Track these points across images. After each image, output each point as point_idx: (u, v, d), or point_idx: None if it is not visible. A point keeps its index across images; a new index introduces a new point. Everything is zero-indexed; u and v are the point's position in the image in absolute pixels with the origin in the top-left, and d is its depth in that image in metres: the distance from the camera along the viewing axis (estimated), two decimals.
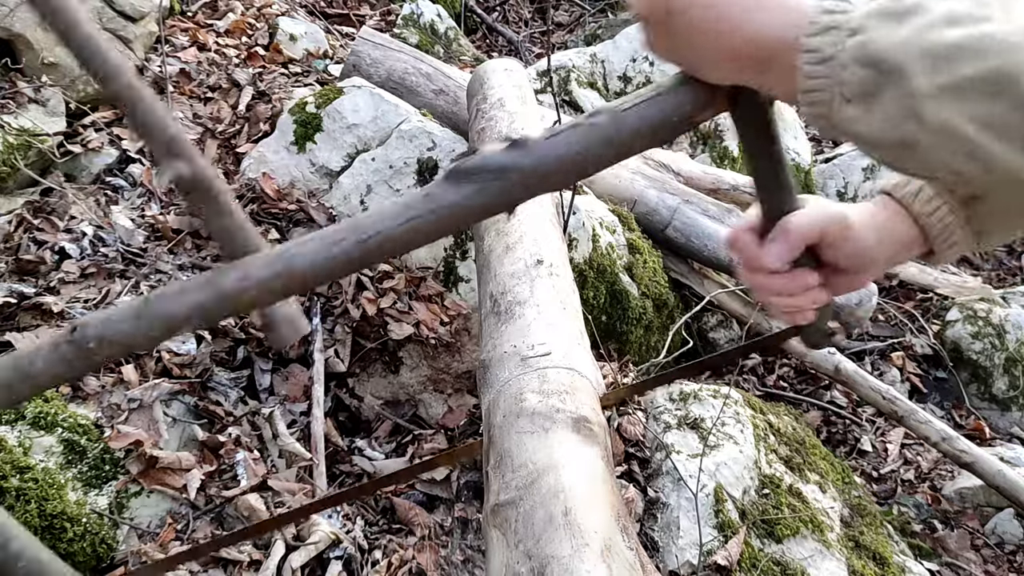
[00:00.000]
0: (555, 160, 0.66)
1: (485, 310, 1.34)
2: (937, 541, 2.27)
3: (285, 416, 1.76)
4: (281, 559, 1.41)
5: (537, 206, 1.54)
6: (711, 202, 2.39)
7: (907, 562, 1.91)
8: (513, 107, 1.84)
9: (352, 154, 2.14)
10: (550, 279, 1.33)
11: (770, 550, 1.68)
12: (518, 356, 1.14)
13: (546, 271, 1.34)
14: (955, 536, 2.29)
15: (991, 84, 0.48)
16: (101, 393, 1.57)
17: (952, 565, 2.19)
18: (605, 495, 0.86)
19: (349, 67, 2.44)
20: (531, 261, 1.36)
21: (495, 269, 1.39)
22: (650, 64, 3.09)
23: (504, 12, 4.49)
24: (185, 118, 2.40)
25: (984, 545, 2.30)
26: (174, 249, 1.99)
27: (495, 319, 1.28)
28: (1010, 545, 2.31)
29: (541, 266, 1.35)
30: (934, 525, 2.31)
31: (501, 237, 1.45)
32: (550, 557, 0.74)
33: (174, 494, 1.47)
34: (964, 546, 2.28)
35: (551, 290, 1.30)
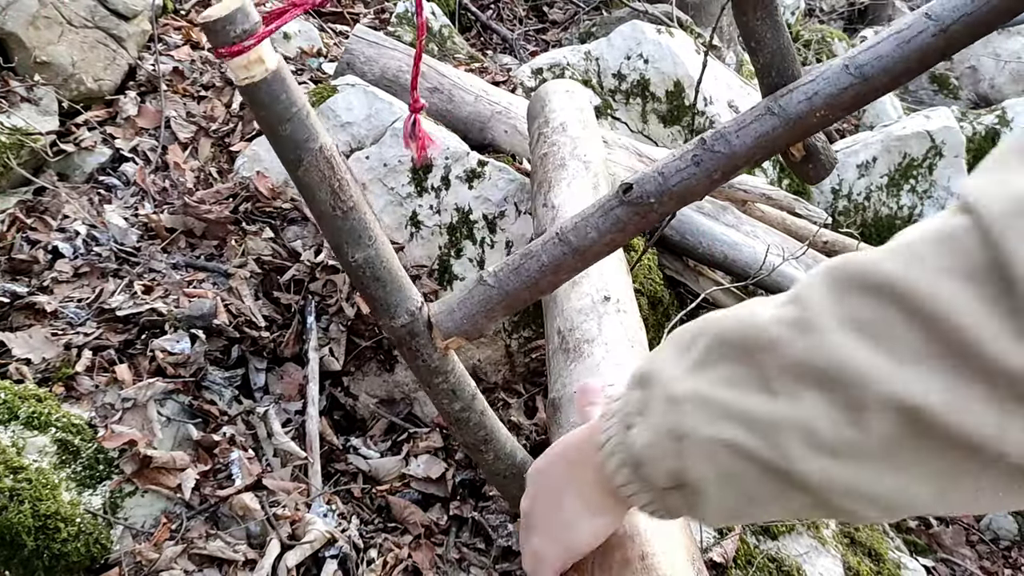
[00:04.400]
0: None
1: (553, 346, 1.33)
2: (932, 537, 2.27)
3: (280, 415, 1.76)
4: (276, 558, 1.40)
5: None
6: (706, 199, 2.39)
7: (902, 558, 1.91)
8: (575, 132, 1.84)
9: (346, 152, 2.13)
10: (617, 316, 1.33)
11: (766, 547, 1.68)
12: None
13: (613, 308, 1.34)
14: (950, 532, 2.29)
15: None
16: (94, 393, 1.57)
17: (947, 561, 2.19)
18: (680, 538, 0.85)
19: (343, 65, 2.44)
20: (598, 297, 1.36)
21: (562, 304, 1.38)
22: (644, 62, 3.08)
23: (499, 10, 4.49)
24: (179, 116, 2.39)
25: (979, 541, 2.31)
26: (168, 248, 1.99)
27: (563, 356, 1.27)
28: (1005, 541, 2.32)
29: (608, 303, 1.35)
30: (929, 521, 2.32)
31: None
32: None
33: (168, 494, 1.47)
34: (959, 542, 2.28)
35: (619, 327, 1.30)
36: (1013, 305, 0.41)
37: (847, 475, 0.49)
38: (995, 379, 0.42)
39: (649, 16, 3.87)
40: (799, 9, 6.07)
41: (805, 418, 0.49)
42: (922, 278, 0.45)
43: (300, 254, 2.00)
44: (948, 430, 0.44)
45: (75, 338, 1.65)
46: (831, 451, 0.49)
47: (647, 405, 0.60)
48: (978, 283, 0.43)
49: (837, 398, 0.48)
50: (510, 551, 1.59)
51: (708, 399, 0.55)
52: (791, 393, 0.50)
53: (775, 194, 2.51)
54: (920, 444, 0.46)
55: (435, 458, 1.83)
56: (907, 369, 0.45)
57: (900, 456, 0.47)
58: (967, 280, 0.43)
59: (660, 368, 0.61)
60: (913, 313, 0.45)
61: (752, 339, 0.54)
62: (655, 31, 3.13)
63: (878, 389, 0.46)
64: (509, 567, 1.58)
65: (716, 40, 4.26)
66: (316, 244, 2.02)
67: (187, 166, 2.25)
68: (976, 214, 0.44)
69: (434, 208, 2.07)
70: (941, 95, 5.30)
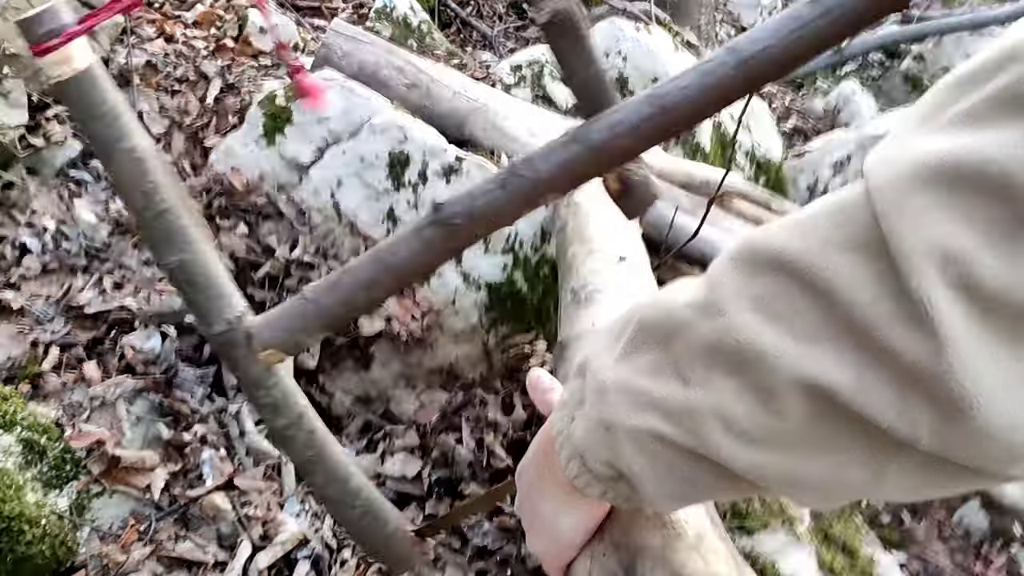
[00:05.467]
0: None
1: (565, 303, 1.35)
2: (905, 532, 2.28)
3: (252, 413, 1.73)
4: (247, 559, 1.38)
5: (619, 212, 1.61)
6: (683, 195, 2.38)
7: (876, 553, 1.92)
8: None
9: (322, 147, 2.11)
10: (630, 273, 1.35)
11: (741, 543, 1.67)
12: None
13: (627, 267, 1.37)
14: (923, 527, 2.31)
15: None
16: (62, 391, 1.53)
17: (920, 556, 2.21)
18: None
19: (320, 60, 2.41)
20: (613, 258, 1.39)
21: (577, 269, 1.41)
22: (623, 59, 3.08)
23: (478, 6, 4.47)
24: (152, 110, 2.35)
25: (951, 536, 2.32)
26: (139, 244, 1.95)
27: (574, 307, 1.28)
28: (976, 536, 2.33)
29: (623, 262, 1.38)
30: (902, 517, 2.33)
31: (584, 243, 1.49)
32: (641, 548, 0.69)
33: (137, 494, 1.44)
34: (932, 537, 2.30)
35: (632, 282, 1.32)
36: (900, 286, 0.39)
37: (774, 461, 0.47)
38: (891, 363, 0.41)
39: (628, 14, 3.86)
40: (775, 9, 6.10)
41: (720, 404, 0.48)
42: (817, 252, 0.43)
43: (275, 250, 1.97)
44: (856, 411, 0.42)
45: (42, 335, 1.62)
46: (751, 438, 0.47)
47: (584, 395, 0.59)
48: (866, 259, 0.41)
49: (747, 381, 0.47)
50: (485, 550, 1.58)
51: (630, 387, 0.54)
52: (703, 379, 0.49)
53: (751, 191, 2.51)
54: (836, 427, 0.44)
55: (411, 456, 1.81)
56: (810, 348, 0.43)
57: (821, 440, 0.45)
58: (855, 254, 0.42)
59: (594, 356, 0.60)
60: (811, 290, 0.43)
61: (667, 324, 0.53)
62: (634, 28, 3.13)
63: (784, 370, 0.44)
64: (484, 566, 1.56)
65: (694, 38, 4.27)
66: (291, 240, 2.00)
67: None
68: (867, 182, 0.42)
69: (411, 203, 2.05)
70: (916, 95, 5.34)
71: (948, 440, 0.40)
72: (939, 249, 0.38)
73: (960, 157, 0.38)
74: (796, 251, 0.44)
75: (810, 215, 0.46)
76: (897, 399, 0.41)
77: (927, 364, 0.39)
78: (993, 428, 0.38)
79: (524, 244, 2.06)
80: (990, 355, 0.38)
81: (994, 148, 0.38)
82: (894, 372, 0.41)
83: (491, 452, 1.78)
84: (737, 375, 0.47)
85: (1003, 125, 0.38)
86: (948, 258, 0.38)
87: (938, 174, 0.39)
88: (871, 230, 0.41)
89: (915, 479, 0.44)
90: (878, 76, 5.80)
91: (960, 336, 0.38)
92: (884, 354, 0.41)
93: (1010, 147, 0.37)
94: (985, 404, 0.38)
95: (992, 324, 0.37)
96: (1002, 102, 0.39)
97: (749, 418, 0.47)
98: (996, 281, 0.37)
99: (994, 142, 0.38)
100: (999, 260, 0.37)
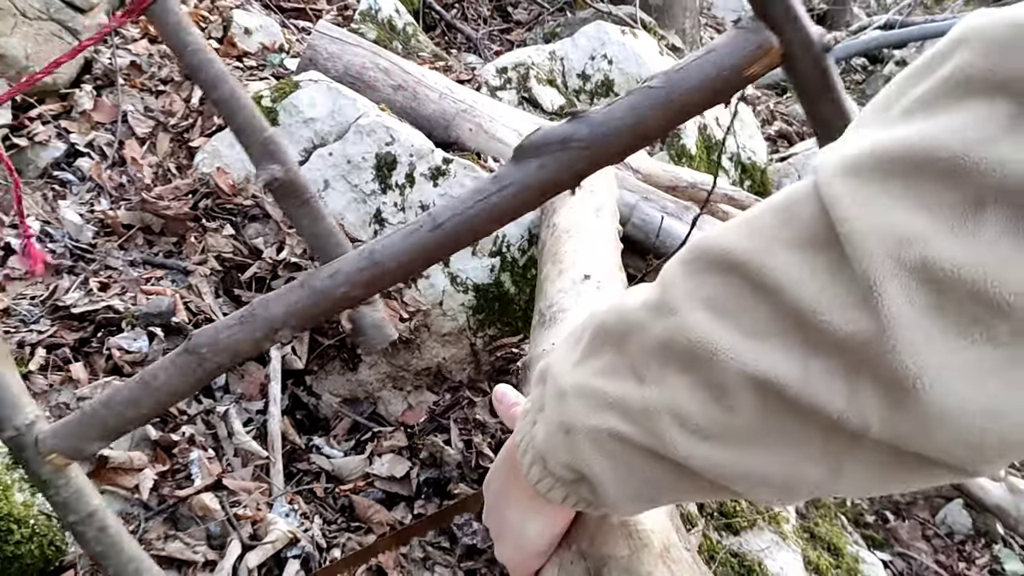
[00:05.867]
0: (615, 127, 0.68)
1: (534, 323, 1.39)
2: (889, 532, 2.30)
3: (241, 414, 1.73)
4: (237, 559, 1.38)
5: (596, 225, 1.68)
6: (669, 199, 2.40)
7: (861, 552, 1.94)
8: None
9: (309, 149, 2.11)
10: (596, 292, 1.38)
11: (728, 542, 1.69)
12: None
13: (592, 285, 1.40)
14: (906, 527, 2.33)
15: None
16: (49, 392, 1.53)
17: (904, 555, 2.22)
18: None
19: (305, 61, 2.41)
20: (579, 278, 1.43)
21: (547, 290, 1.46)
22: (608, 62, 3.09)
23: (463, 9, 4.47)
24: (136, 111, 2.34)
25: (935, 535, 2.34)
26: (124, 245, 1.95)
27: (541, 328, 1.33)
28: (959, 535, 2.35)
29: (588, 281, 1.41)
30: (886, 516, 2.35)
31: (556, 264, 1.54)
32: (607, 557, 0.70)
33: (126, 494, 1.44)
34: (915, 536, 2.32)
35: (596, 300, 1.35)
36: (847, 272, 0.40)
37: (729, 457, 0.48)
38: (837, 351, 0.41)
39: (613, 17, 3.88)
40: None
41: (674, 401, 0.49)
42: (762, 250, 0.44)
43: (262, 251, 1.97)
44: (806, 404, 0.43)
45: (28, 336, 1.61)
46: (706, 434, 0.48)
47: (544, 401, 0.60)
48: (813, 252, 0.42)
49: (699, 378, 0.47)
50: (475, 549, 1.58)
51: (588, 390, 0.55)
52: (658, 377, 0.50)
53: (737, 194, 2.53)
54: (787, 421, 0.44)
55: (399, 457, 1.81)
56: (758, 343, 0.44)
57: (774, 435, 0.46)
58: (802, 250, 0.42)
59: (554, 362, 0.61)
60: (757, 287, 0.44)
61: (622, 326, 0.54)
62: (619, 32, 3.14)
63: (734, 366, 0.45)
64: (474, 565, 1.57)
65: (679, 42, 4.29)
66: (278, 241, 1.99)
67: (145, 161, 2.21)
68: (816, 178, 0.43)
69: (398, 206, 2.05)
70: None
71: (898, 425, 0.40)
72: (892, 233, 0.38)
73: (911, 144, 0.39)
74: (743, 250, 0.45)
75: (757, 214, 0.47)
76: (845, 387, 0.41)
77: (872, 344, 0.39)
78: (941, 409, 0.38)
79: (512, 246, 2.06)
80: (938, 336, 0.38)
81: (945, 133, 0.38)
82: (841, 360, 0.41)
83: (479, 453, 1.78)
84: (690, 372, 0.48)
85: (952, 109, 0.39)
86: (901, 241, 0.38)
87: (889, 161, 0.40)
88: (818, 222, 0.42)
89: (873, 473, 0.45)
90: (861, 81, 5.85)
91: (905, 316, 0.38)
92: (830, 343, 0.41)
93: (960, 130, 0.38)
94: (931, 384, 0.38)
95: (943, 306, 0.38)
96: (950, 87, 0.40)
97: (703, 414, 0.48)
98: (950, 263, 0.37)
99: (945, 127, 0.38)
100: (952, 242, 0.37)
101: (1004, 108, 0.37)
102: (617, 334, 0.54)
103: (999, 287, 0.36)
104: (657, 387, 0.50)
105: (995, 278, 0.36)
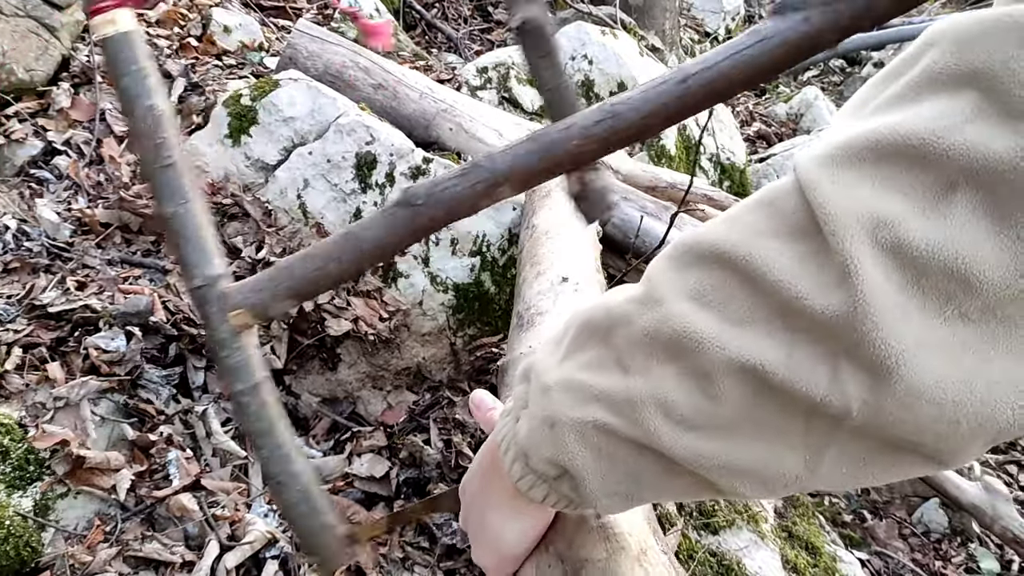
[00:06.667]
0: None
1: (512, 326, 1.39)
2: (867, 531, 2.32)
3: (219, 414, 1.72)
4: (215, 559, 1.37)
5: (575, 226, 1.68)
6: (649, 199, 2.41)
7: (838, 551, 1.95)
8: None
9: (288, 148, 2.10)
10: (574, 294, 1.38)
11: (707, 541, 1.70)
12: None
13: (571, 287, 1.40)
14: (884, 526, 2.35)
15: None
16: (25, 392, 1.51)
17: (881, 554, 2.24)
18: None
19: (285, 60, 2.40)
20: (557, 280, 1.43)
21: (524, 293, 1.46)
22: (589, 63, 3.10)
23: (443, 9, 4.47)
24: (114, 109, 2.33)
25: (911, 534, 2.37)
26: (102, 243, 1.93)
27: (519, 331, 1.33)
28: (936, 534, 2.38)
29: (566, 283, 1.41)
30: (864, 515, 2.37)
31: (534, 266, 1.54)
32: (584, 560, 0.71)
33: (102, 495, 1.43)
34: (892, 535, 2.34)
35: (574, 302, 1.35)
36: (826, 257, 0.41)
37: (712, 448, 0.49)
38: (818, 333, 0.42)
39: (593, 18, 3.89)
40: (739, 15, 6.18)
41: (660, 390, 0.50)
42: (746, 241, 0.46)
43: (241, 251, 1.96)
44: (789, 389, 0.44)
45: (4, 335, 1.59)
46: (691, 424, 0.49)
47: (528, 397, 0.61)
48: (795, 240, 0.43)
49: (685, 367, 0.48)
50: (454, 549, 1.58)
51: (573, 383, 0.56)
52: (643, 367, 0.51)
53: (716, 195, 2.55)
54: (770, 407, 0.46)
55: (379, 457, 1.81)
56: (741, 331, 0.45)
57: (757, 423, 0.47)
58: (785, 238, 0.44)
59: (538, 360, 0.62)
60: (741, 276, 0.46)
61: (607, 320, 0.55)
62: (599, 32, 3.15)
63: (719, 354, 0.46)
64: (453, 565, 1.57)
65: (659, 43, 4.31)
66: (257, 240, 1.99)
67: (123, 160, 2.19)
68: (796, 172, 0.44)
69: (379, 205, 2.05)
70: None
71: (879, 405, 0.41)
72: (868, 215, 0.40)
73: (885, 133, 0.41)
74: (728, 242, 0.47)
75: (740, 210, 0.48)
76: (827, 369, 0.42)
77: (852, 323, 0.40)
78: (919, 387, 0.40)
79: (492, 246, 2.07)
80: (916, 313, 0.39)
81: (916, 121, 0.40)
82: (823, 342, 0.42)
83: (459, 452, 1.78)
84: (675, 361, 0.49)
85: (922, 101, 0.41)
86: (878, 223, 0.40)
87: (865, 150, 0.42)
88: (799, 212, 0.44)
89: (851, 463, 0.46)
90: (840, 82, 5.90)
91: (882, 293, 0.39)
92: (813, 327, 0.42)
93: (930, 119, 0.39)
94: (909, 362, 0.39)
95: (919, 285, 0.39)
96: (920, 82, 0.42)
97: (688, 404, 0.49)
98: (924, 242, 0.39)
99: (916, 115, 0.40)
100: (926, 222, 0.39)
101: (971, 97, 0.38)
102: (603, 328, 0.55)
103: (969, 265, 0.38)
104: (642, 377, 0.51)
105: (965, 256, 0.38)
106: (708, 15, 5.96)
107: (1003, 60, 0.37)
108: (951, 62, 0.40)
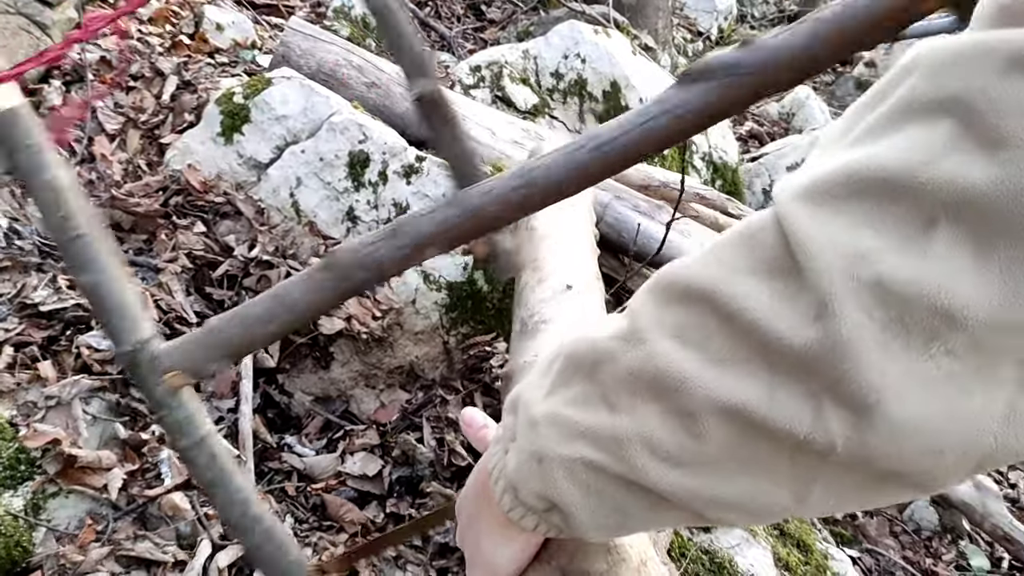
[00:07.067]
0: (787, 53, 0.65)
1: (514, 333, 1.38)
2: (858, 528, 2.33)
3: (212, 413, 1.72)
4: (207, 558, 1.37)
5: (575, 230, 1.65)
6: (641, 198, 2.41)
7: (829, 549, 1.96)
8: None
9: (281, 146, 2.10)
10: (579, 300, 1.37)
11: (699, 539, 1.70)
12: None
13: (574, 295, 1.39)
14: (875, 523, 2.36)
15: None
16: (16, 391, 1.51)
17: (872, 551, 2.25)
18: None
19: (278, 58, 2.40)
20: (560, 287, 1.41)
21: (527, 299, 1.45)
22: (582, 62, 3.10)
23: (436, 7, 4.47)
24: (106, 107, 2.32)
25: (902, 531, 2.38)
26: None
27: (522, 337, 1.31)
28: (926, 531, 2.39)
29: (570, 291, 1.40)
30: (854, 513, 2.38)
31: (535, 272, 1.51)
32: (586, 573, 0.71)
33: (94, 494, 1.42)
34: (883, 533, 2.35)
35: (578, 309, 1.34)
36: (807, 295, 0.41)
37: (699, 484, 0.49)
38: (799, 372, 0.42)
39: (586, 16, 3.90)
40: (731, 15, 6.19)
41: (644, 429, 0.49)
42: (725, 279, 0.45)
43: (233, 249, 1.96)
44: (772, 427, 0.43)
45: None
46: (677, 461, 0.49)
47: (516, 430, 0.61)
48: (773, 277, 0.43)
49: (669, 406, 0.48)
50: (447, 548, 1.59)
51: (559, 419, 0.56)
52: (628, 405, 0.51)
53: (709, 194, 2.55)
54: (755, 447, 0.45)
55: (371, 456, 1.81)
56: (722, 370, 0.45)
57: (743, 460, 0.47)
58: (763, 275, 0.43)
59: (524, 391, 0.62)
60: (721, 315, 0.45)
61: (593, 355, 0.54)
62: (592, 31, 3.16)
63: (701, 393, 0.46)
64: (446, 564, 1.57)
65: (651, 42, 4.31)
66: (249, 239, 1.99)
67: (114, 158, 2.19)
68: (776, 207, 0.44)
69: (371, 203, 2.05)
70: None
71: (863, 442, 0.41)
72: (846, 251, 0.40)
73: (859, 168, 0.40)
74: (707, 279, 0.46)
75: (719, 245, 0.48)
76: (809, 407, 0.42)
77: (831, 361, 0.40)
78: (902, 423, 0.39)
79: None
80: (900, 351, 0.39)
81: (891, 153, 0.39)
82: (803, 381, 0.42)
83: (452, 451, 1.78)
84: (659, 400, 0.49)
85: (899, 130, 0.40)
86: (856, 259, 0.39)
87: (841, 184, 0.41)
88: (777, 248, 0.43)
89: (840, 493, 0.46)
90: (831, 82, 5.92)
91: (864, 332, 0.39)
92: (793, 365, 0.42)
93: (901, 151, 0.39)
94: (892, 398, 0.39)
95: (902, 323, 0.39)
96: (895, 113, 0.41)
97: (673, 442, 0.48)
98: (901, 277, 0.38)
99: (891, 147, 0.40)
100: (902, 258, 0.38)
101: (947, 126, 0.38)
102: (588, 364, 0.55)
103: (953, 300, 0.37)
104: (628, 416, 0.51)
105: (949, 291, 0.37)
106: (701, 15, 5.97)
107: (980, 87, 0.36)
108: (927, 90, 0.39)
